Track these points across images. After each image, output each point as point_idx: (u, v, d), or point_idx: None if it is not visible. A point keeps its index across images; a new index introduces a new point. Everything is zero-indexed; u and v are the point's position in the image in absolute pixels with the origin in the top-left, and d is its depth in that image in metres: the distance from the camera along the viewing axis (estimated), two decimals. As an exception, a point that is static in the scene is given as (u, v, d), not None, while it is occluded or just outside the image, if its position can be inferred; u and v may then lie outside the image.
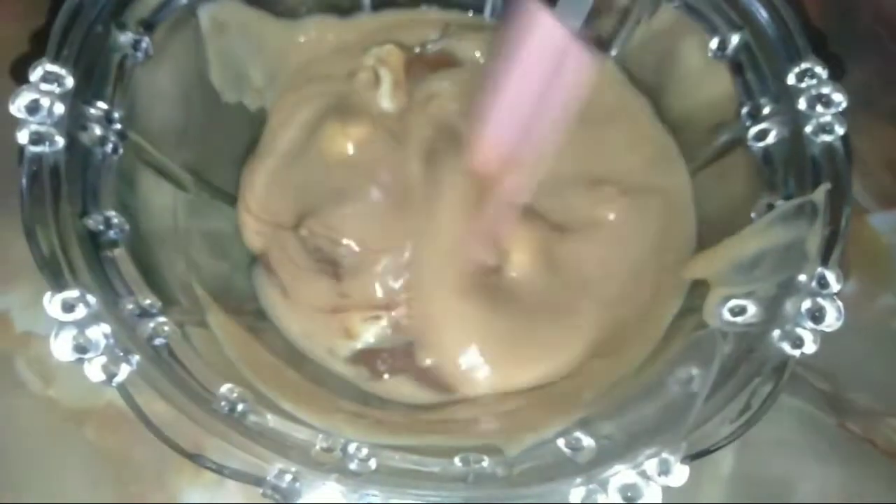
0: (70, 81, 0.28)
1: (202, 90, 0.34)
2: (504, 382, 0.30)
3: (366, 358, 0.32)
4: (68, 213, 0.27)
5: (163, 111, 0.32)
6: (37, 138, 0.27)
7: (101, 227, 0.28)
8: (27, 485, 0.33)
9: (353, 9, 0.38)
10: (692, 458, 0.25)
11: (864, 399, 0.36)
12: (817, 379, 0.36)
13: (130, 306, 0.27)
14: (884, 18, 0.41)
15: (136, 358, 0.25)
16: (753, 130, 0.31)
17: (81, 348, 0.25)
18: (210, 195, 0.34)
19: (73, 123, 0.28)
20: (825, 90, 0.30)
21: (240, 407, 0.26)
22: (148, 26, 0.32)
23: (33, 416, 0.34)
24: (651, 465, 0.24)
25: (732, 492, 0.34)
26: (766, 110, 0.31)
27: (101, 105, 0.30)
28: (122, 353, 0.25)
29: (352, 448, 0.25)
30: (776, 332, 0.27)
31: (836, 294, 0.27)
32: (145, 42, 0.31)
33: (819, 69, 0.30)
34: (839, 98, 0.30)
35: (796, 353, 0.26)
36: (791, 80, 0.30)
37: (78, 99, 0.29)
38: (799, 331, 0.26)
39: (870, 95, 0.41)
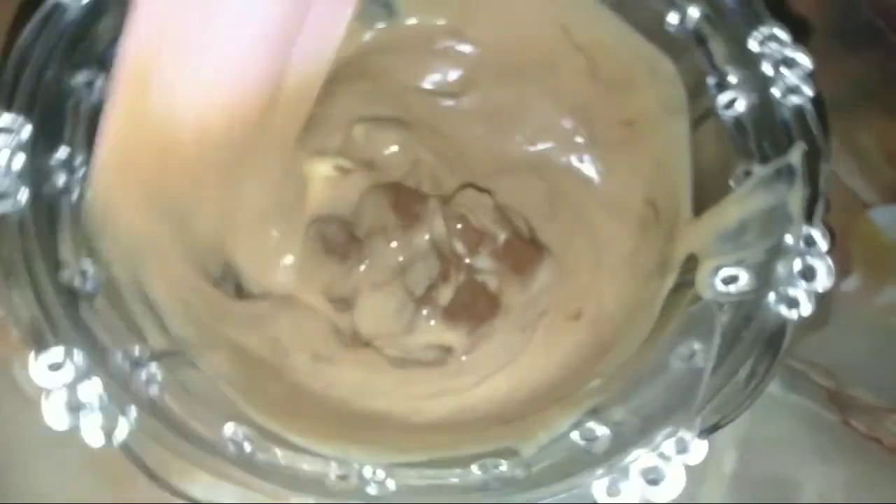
0: (27, 131, 0.27)
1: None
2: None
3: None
4: (42, 270, 0.26)
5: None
6: (-1, 197, 0.26)
7: (78, 280, 0.27)
8: (25, 488, 0.33)
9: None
10: (708, 432, 0.24)
11: (867, 396, 0.35)
12: (820, 376, 0.36)
13: (120, 359, 0.26)
14: (884, 11, 0.40)
15: (132, 412, 0.25)
16: (722, 100, 0.31)
17: (75, 409, 0.24)
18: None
19: (35, 175, 0.27)
20: (788, 52, 0.30)
21: (247, 446, 0.25)
22: (101, 64, 0.31)
23: (30, 421, 0.32)
24: (668, 446, 0.24)
25: (735, 491, 0.34)
26: (732, 79, 0.31)
27: (63, 151, 0.29)
28: (118, 409, 0.24)
29: (367, 472, 0.25)
30: (771, 297, 0.27)
31: (824, 252, 0.27)
32: (100, 81, 0.30)
33: (780, 32, 0.30)
34: (803, 59, 0.30)
35: (793, 314, 0.26)
36: (753, 45, 0.30)
37: (37, 149, 0.28)
38: (793, 292, 0.27)
39: (871, 89, 0.40)
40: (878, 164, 0.39)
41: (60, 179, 0.28)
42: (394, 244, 0.33)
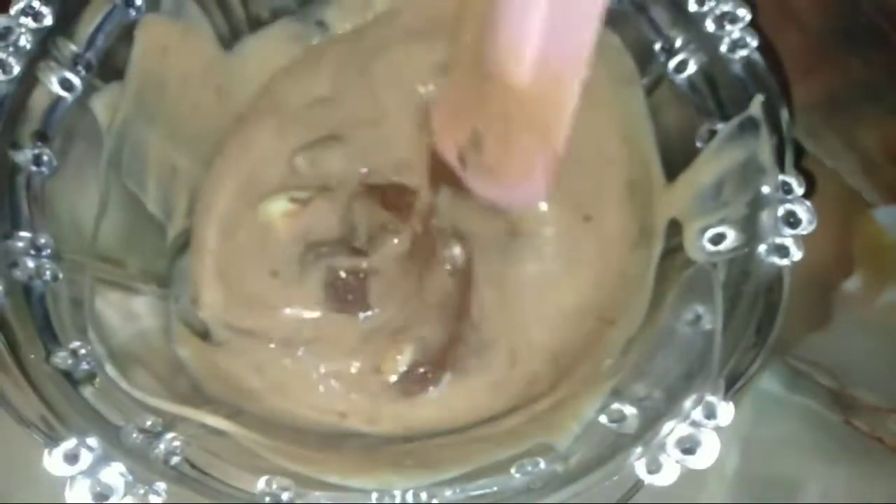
0: (-16, 221, 0.26)
1: (125, 190, 0.32)
2: None
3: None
4: (31, 360, 0.25)
5: (90, 221, 0.30)
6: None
7: (71, 362, 0.26)
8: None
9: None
10: (734, 392, 0.25)
11: (869, 396, 0.35)
12: (822, 376, 0.35)
13: (134, 435, 0.25)
14: (886, 11, 0.40)
15: (161, 486, 0.24)
16: (672, 64, 0.32)
17: (102, 496, 0.23)
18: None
19: (2, 264, 0.26)
20: (727, 8, 0.31)
21: (285, 496, 0.25)
22: (42, 137, 0.29)
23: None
24: (697, 413, 0.25)
25: (737, 491, 0.34)
26: (677, 42, 0.32)
27: (23, 234, 0.28)
28: (145, 487, 0.24)
29: (410, 497, 0.25)
30: (762, 248, 0.27)
31: (802, 196, 0.28)
32: (46, 154, 0.29)
33: (714, -12, 0.31)
34: (743, 12, 0.30)
35: (786, 262, 0.27)
36: (692, 6, 0.31)
37: (-1, 237, 0.27)
38: (780, 240, 0.27)
39: (873, 89, 0.40)
40: (881, 164, 0.38)
41: (29, 263, 0.27)
42: (395, 240, 0.33)
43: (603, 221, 0.33)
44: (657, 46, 0.32)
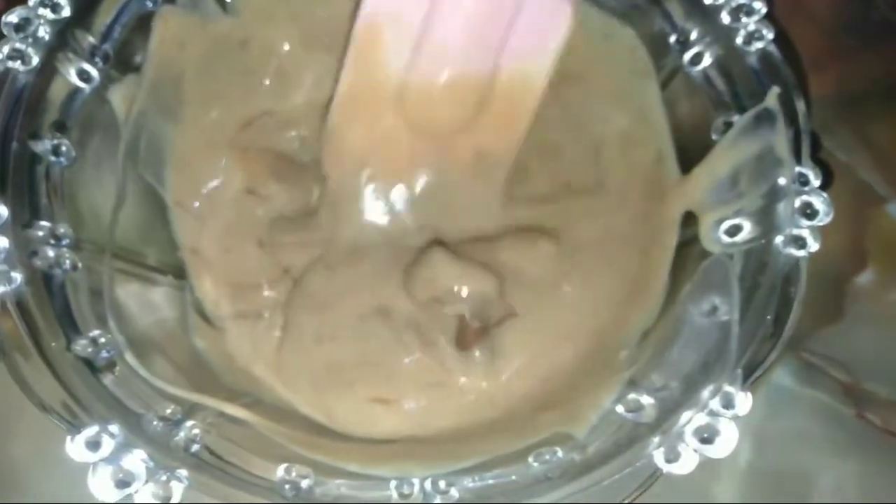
0: (4, 212, 0.26)
1: (142, 181, 0.32)
2: None
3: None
4: (53, 348, 0.25)
5: (108, 212, 0.30)
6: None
7: (91, 350, 0.26)
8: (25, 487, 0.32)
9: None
10: (751, 383, 0.25)
11: (882, 390, 0.35)
12: (835, 370, 0.36)
13: (155, 422, 0.25)
14: None
15: (183, 473, 0.24)
16: (687, 56, 0.32)
17: (124, 483, 0.24)
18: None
19: (22, 253, 0.26)
20: (742, 0, 0.31)
21: (304, 484, 0.25)
22: (61, 127, 0.29)
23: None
24: (715, 403, 0.25)
25: (750, 485, 0.34)
26: (692, 35, 0.32)
27: (43, 223, 0.28)
28: (167, 473, 0.24)
29: (428, 485, 0.25)
30: (779, 240, 0.27)
31: (818, 188, 0.28)
32: (64, 145, 0.29)
33: (730, -20, 0.31)
34: (759, 5, 0.30)
35: (803, 253, 0.27)
36: (708, -1, 0.31)
37: (17, 226, 0.27)
38: (797, 232, 0.27)
39: (886, 84, 0.40)
40: (895, 158, 0.38)
41: (49, 253, 0.27)
42: None
43: (617, 212, 0.33)
44: (672, 39, 0.32)
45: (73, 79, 0.29)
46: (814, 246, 0.27)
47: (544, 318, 0.32)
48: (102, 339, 0.27)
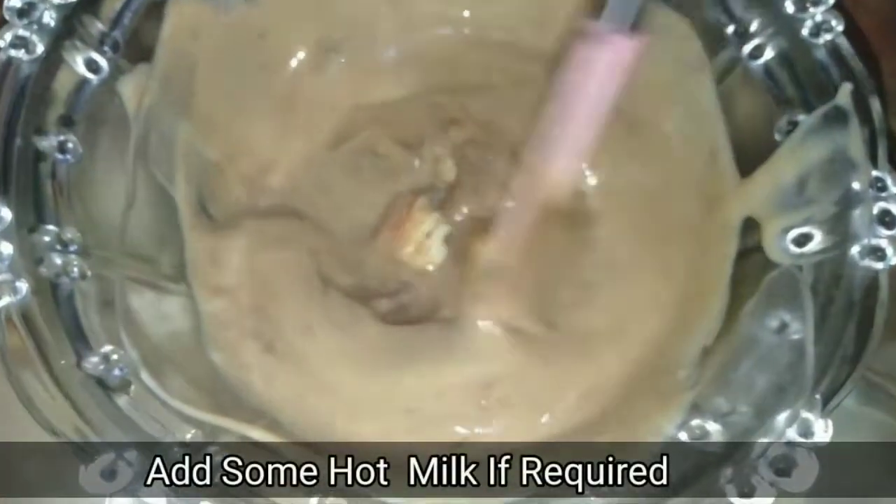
0: (8, 214, 0.24)
1: (154, 181, 0.29)
2: None
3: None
4: (62, 366, 0.23)
5: (118, 215, 0.27)
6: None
7: (103, 368, 0.24)
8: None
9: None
10: (831, 409, 0.23)
11: None
12: None
13: (175, 448, 0.23)
14: None
15: (206, 505, 0.22)
16: (746, 49, 0.30)
17: (143, 516, 0.21)
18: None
19: (28, 260, 0.24)
20: (810, -13, 0.28)
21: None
22: (68, 122, 0.27)
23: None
24: (791, 431, 0.23)
25: None
26: (752, 26, 0.29)
27: (49, 228, 0.26)
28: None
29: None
30: (855, 251, 0.25)
31: (896, 194, 0.26)
32: (71, 141, 0.27)
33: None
34: (826, -8, 0.28)
35: (882, 265, 0.25)
36: (771, -13, 0.29)
37: (21, 230, 0.24)
38: (876, 242, 0.25)
39: None
40: None
41: (56, 260, 0.25)
42: None
43: (668, 215, 0.31)
44: (730, 30, 0.30)
45: (81, 69, 0.28)
46: (894, 258, 0.25)
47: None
48: (115, 356, 0.25)
